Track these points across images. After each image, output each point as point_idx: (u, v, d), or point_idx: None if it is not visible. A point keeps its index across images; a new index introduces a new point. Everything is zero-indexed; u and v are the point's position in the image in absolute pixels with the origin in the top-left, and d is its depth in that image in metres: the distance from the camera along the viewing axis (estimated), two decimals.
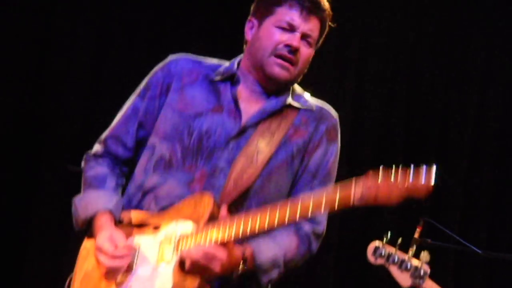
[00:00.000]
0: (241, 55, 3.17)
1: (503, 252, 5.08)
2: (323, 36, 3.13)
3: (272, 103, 3.08)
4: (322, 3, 3.08)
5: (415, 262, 3.17)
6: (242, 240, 2.93)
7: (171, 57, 3.19)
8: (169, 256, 2.92)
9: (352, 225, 5.82)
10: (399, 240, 3.11)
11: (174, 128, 3.06)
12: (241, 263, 2.90)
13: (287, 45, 3.02)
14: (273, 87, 3.09)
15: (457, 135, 5.87)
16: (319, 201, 2.78)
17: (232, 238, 2.85)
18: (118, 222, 3.06)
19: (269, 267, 2.97)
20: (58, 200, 5.59)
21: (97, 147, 3.23)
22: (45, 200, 5.63)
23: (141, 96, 3.17)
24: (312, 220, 3.07)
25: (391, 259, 3.10)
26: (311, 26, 3.05)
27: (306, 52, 3.06)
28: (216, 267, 2.83)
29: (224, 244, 2.84)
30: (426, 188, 2.70)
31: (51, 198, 5.62)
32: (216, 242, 2.84)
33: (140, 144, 3.15)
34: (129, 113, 3.17)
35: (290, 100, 3.10)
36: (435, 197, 5.74)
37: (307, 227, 3.06)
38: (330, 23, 3.12)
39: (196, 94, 3.08)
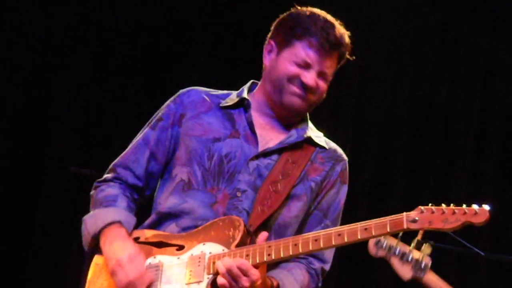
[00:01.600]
0: (249, 83, 3.20)
1: (506, 254, 5.07)
2: (338, 67, 3.13)
3: (293, 135, 3.11)
4: (342, 41, 3.07)
5: (416, 254, 3.14)
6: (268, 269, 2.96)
7: (182, 90, 3.19)
8: (199, 276, 2.89)
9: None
10: (401, 233, 3.08)
11: (192, 152, 3.06)
12: None
13: (301, 81, 3.03)
14: (287, 115, 3.11)
15: (460, 140, 5.86)
16: (368, 224, 2.78)
17: (267, 262, 2.86)
18: (134, 240, 3.03)
19: None
20: (61, 201, 5.60)
21: (106, 175, 3.20)
22: (48, 201, 5.63)
23: (153, 127, 3.16)
24: (322, 258, 3.11)
25: (392, 251, 3.06)
26: (328, 65, 3.06)
27: (322, 87, 3.07)
28: (246, 283, 2.82)
29: (257, 267, 2.85)
30: (484, 215, 2.69)
31: (54, 199, 5.62)
32: (252, 264, 2.84)
33: (153, 176, 3.14)
34: (139, 143, 3.16)
35: (310, 133, 3.12)
36: (437, 199, 5.75)
37: (317, 265, 3.10)
38: (348, 56, 3.11)
39: (212, 121, 3.10)
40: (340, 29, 3.07)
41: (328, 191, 3.11)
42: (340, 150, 3.19)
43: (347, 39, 3.08)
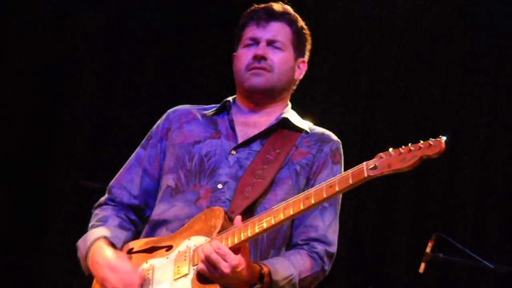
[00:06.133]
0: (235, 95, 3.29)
1: None
2: (300, 37, 3.22)
3: (271, 122, 3.16)
4: (276, 10, 3.20)
5: None
6: (258, 258, 2.96)
7: (170, 110, 3.31)
8: (185, 270, 2.91)
9: (363, 240, 5.81)
10: None
11: (176, 159, 3.14)
12: (257, 280, 2.90)
13: (253, 57, 3.14)
14: (261, 100, 3.18)
15: (469, 151, 5.86)
16: (332, 181, 2.77)
17: (245, 240, 2.84)
18: (128, 252, 3.08)
19: (285, 285, 2.96)
20: (69, 215, 5.60)
21: (103, 197, 3.27)
22: (56, 215, 5.64)
23: (144, 146, 3.27)
24: (324, 241, 3.08)
25: None
26: (273, 32, 3.17)
27: (277, 56, 3.17)
28: (226, 269, 2.81)
29: (237, 250, 2.84)
30: (439, 145, 2.66)
31: (63, 212, 5.63)
32: (230, 246, 2.84)
33: (149, 194, 3.21)
34: (132, 162, 3.26)
35: (285, 115, 3.17)
36: (446, 212, 5.75)
37: (320, 248, 3.07)
38: (303, 25, 3.21)
39: (194, 128, 3.20)
40: (281, 5, 3.23)
41: (319, 173, 3.11)
42: (328, 133, 3.21)
43: (282, 8, 3.22)
